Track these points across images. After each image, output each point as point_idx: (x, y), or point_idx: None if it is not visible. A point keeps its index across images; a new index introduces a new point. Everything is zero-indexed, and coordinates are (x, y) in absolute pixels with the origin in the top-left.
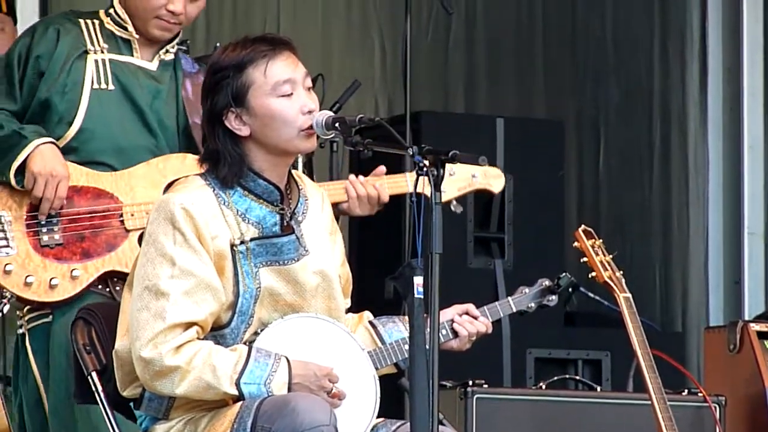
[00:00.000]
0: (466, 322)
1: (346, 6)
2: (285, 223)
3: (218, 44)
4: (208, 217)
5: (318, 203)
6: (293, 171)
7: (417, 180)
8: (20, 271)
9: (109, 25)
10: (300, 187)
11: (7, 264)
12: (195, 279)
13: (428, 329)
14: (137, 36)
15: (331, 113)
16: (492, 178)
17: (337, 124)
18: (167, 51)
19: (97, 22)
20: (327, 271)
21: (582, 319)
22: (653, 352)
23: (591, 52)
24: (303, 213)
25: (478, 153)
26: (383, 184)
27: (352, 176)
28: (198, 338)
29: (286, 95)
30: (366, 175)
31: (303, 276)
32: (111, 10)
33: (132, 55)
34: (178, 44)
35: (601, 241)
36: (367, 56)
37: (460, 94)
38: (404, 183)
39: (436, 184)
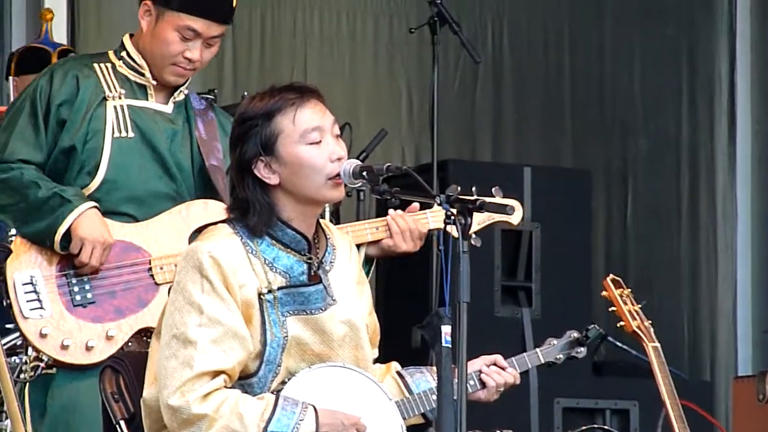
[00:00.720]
0: (493, 373)
1: (373, 55)
2: (312, 273)
3: (245, 94)
4: (236, 265)
5: (346, 252)
6: (321, 220)
7: (444, 228)
8: (56, 334)
9: (122, 69)
10: (328, 236)
11: (42, 327)
12: (223, 327)
13: (456, 379)
14: (153, 82)
15: (358, 162)
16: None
17: (364, 173)
18: (180, 92)
19: (109, 65)
20: (354, 320)
21: (610, 368)
22: (682, 401)
23: (619, 102)
24: (330, 262)
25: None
26: (420, 219)
27: (391, 211)
28: (225, 387)
29: (314, 143)
30: None
31: (330, 325)
32: (123, 54)
33: (147, 100)
34: (204, 95)
35: (629, 290)
36: (394, 105)
37: (487, 143)
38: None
39: (464, 233)
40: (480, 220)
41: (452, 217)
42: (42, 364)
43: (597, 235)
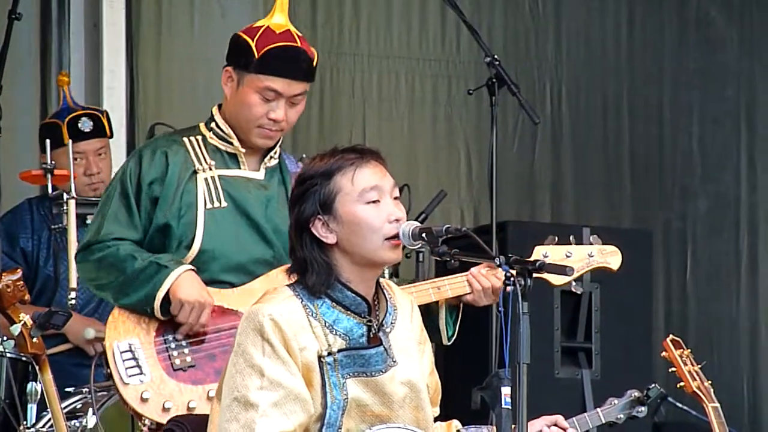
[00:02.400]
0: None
1: (431, 117)
2: (372, 335)
3: (304, 156)
4: (296, 328)
5: (407, 312)
6: (382, 280)
7: (504, 290)
8: (157, 398)
9: (213, 140)
10: (389, 297)
11: (143, 392)
12: (284, 390)
13: None
14: (243, 150)
15: (417, 224)
16: (609, 256)
17: (423, 235)
18: (271, 158)
19: (200, 138)
20: (415, 381)
21: (670, 429)
22: None
23: (678, 162)
24: (391, 323)
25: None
26: (499, 275)
27: (473, 269)
28: None
29: (372, 202)
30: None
31: (391, 387)
32: (213, 125)
33: (239, 168)
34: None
35: (689, 351)
36: (453, 166)
37: (547, 204)
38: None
39: (524, 294)
40: (579, 267)
41: (512, 279)
42: (145, 429)
43: (656, 295)
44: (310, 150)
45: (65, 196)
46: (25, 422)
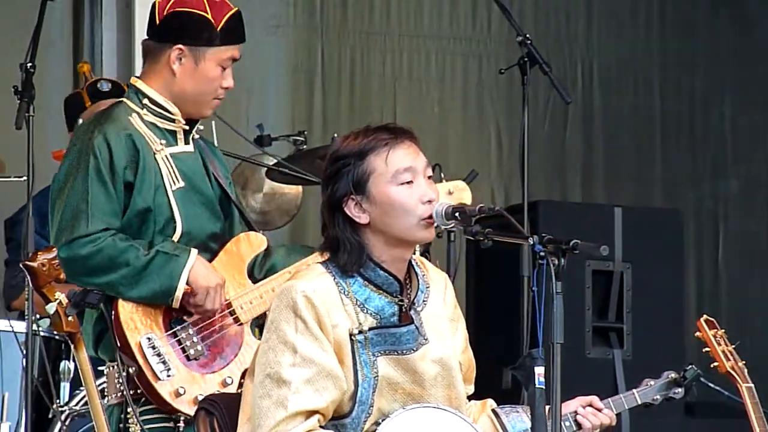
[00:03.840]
0: (589, 414)
1: (462, 97)
2: (403, 313)
3: (335, 135)
4: (329, 305)
5: (440, 289)
6: (414, 257)
7: (536, 269)
8: (189, 391)
9: (149, 117)
10: (422, 274)
11: (177, 387)
12: (316, 367)
13: (550, 420)
14: (186, 126)
15: (450, 203)
16: (460, 192)
17: (456, 214)
18: (197, 130)
19: (135, 115)
20: (447, 359)
21: (702, 409)
22: None
23: (709, 142)
24: (423, 301)
25: (596, 242)
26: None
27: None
28: (319, 426)
29: (406, 183)
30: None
31: (422, 365)
32: (145, 101)
33: (177, 144)
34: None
35: (723, 330)
36: (484, 146)
37: (578, 183)
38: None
39: (557, 274)
40: None
41: (545, 258)
42: (181, 425)
43: (688, 275)
44: (340, 130)
45: None
46: (58, 400)
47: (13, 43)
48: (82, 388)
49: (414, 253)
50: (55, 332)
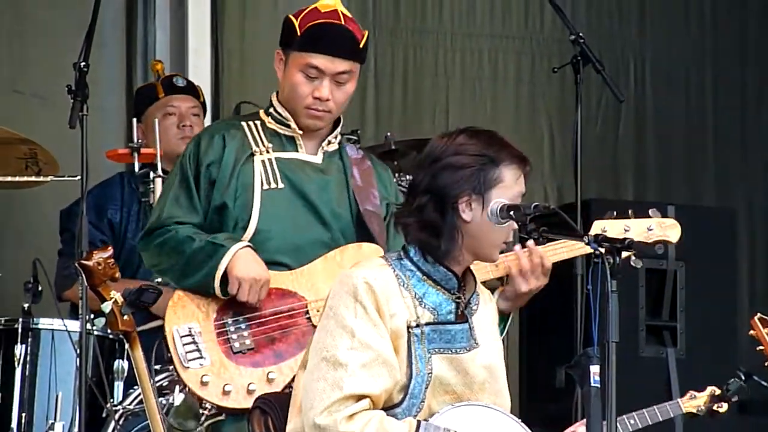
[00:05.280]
0: None
1: (514, 95)
2: (459, 312)
3: (389, 134)
4: (388, 294)
5: (487, 301)
6: (471, 266)
7: (591, 268)
8: (217, 381)
9: (271, 125)
10: (476, 280)
11: (203, 375)
12: (373, 353)
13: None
14: (301, 132)
15: (505, 201)
16: (668, 229)
17: (511, 213)
18: (329, 142)
19: (258, 122)
20: (494, 366)
21: (755, 407)
22: None
23: (762, 140)
24: (476, 305)
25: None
26: (548, 252)
27: (518, 250)
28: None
29: None
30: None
31: (472, 368)
32: (271, 109)
33: (297, 151)
34: (347, 135)
35: None
36: (536, 144)
37: (630, 182)
38: (563, 250)
39: (612, 272)
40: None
41: (600, 257)
42: (205, 412)
43: (741, 273)
44: (393, 128)
45: (152, 174)
46: (111, 400)
47: (67, 43)
48: (136, 386)
49: None
50: (109, 331)
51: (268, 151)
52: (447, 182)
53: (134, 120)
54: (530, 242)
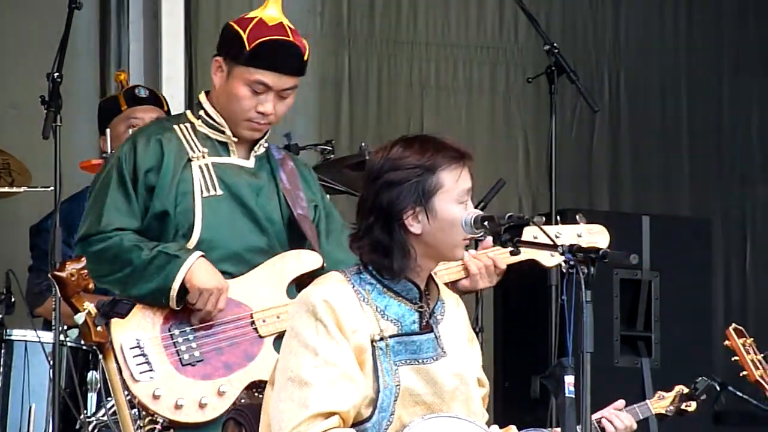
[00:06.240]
0: (613, 416)
1: (489, 105)
2: (424, 322)
3: (363, 144)
4: (348, 310)
5: (454, 308)
6: (432, 274)
7: (565, 278)
8: (169, 395)
9: (202, 128)
10: (440, 289)
11: (155, 389)
12: (338, 370)
13: (580, 429)
14: (235, 139)
15: (479, 212)
16: (596, 235)
17: (486, 223)
18: (260, 146)
19: (188, 125)
20: (465, 374)
21: (730, 418)
22: None
23: (737, 150)
24: (441, 314)
25: (624, 251)
26: (496, 255)
27: (466, 253)
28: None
29: (463, 203)
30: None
31: (441, 377)
32: (201, 112)
33: (230, 156)
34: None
35: (752, 339)
36: (511, 154)
37: (605, 192)
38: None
39: (587, 283)
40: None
41: (575, 267)
42: (158, 426)
43: (716, 283)
44: (367, 139)
45: None
46: (85, 411)
47: (40, 54)
48: (109, 398)
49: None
50: (82, 342)
51: (204, 156)
52: (389, 200)
53: (106, 131)
54: (477, 249)
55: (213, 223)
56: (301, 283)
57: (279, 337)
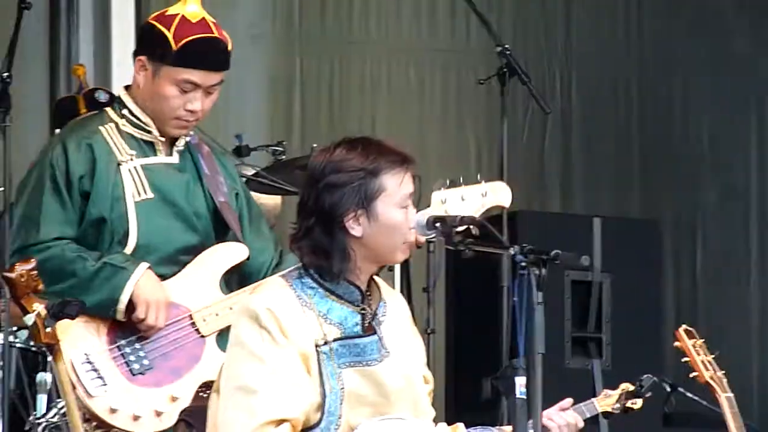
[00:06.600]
0: (554, 414)
1: (441, 106)
2: (366, 324)
3: (315, 145)
4: (291, 317)
5: (397, 307)
6: (374, 276)
7: (517, 279)
8: (126, 407)
9: (126, 128)
10: (381, 290)
11: (111, 403)
12: (285, 376)
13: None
14: (162, 139)
15: (432, 213)
16: (499, 192)
17: (438, 224)
18: (182, 140)
19: (113, 126)
20: (410, 374)
21: (681, 419)
22: None
23: (688, 153)
24: (383, 315)
25: (575, 252)
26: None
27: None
28: None
29: (405, 207)
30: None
31: (386, 378)
32: (125, 111)
33: (156, 155)
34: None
35: (702, 340)
36: (463, 156)
37: (557, 193)
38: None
39: (538, 284)
40: (476, 209)
41: (526, 268)
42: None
43: (666, 285)
44: (319, 140)
45: None
46: (34, 413)
47: None
48: (59, 399)
49: (391, 270)
50: (32, 344)
51: (132, 159)
52: (330, 202)
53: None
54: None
55: (147, 227)
56: (227, 275)
57: (221, 334)
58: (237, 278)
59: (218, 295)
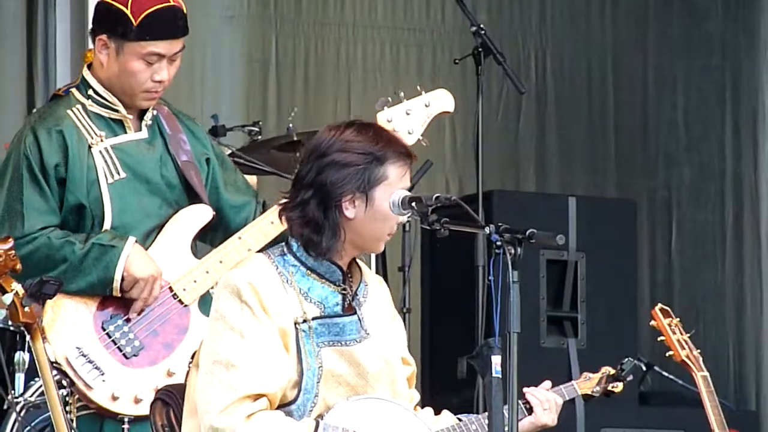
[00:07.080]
0: (536, 391)
1: (416, 86)
2: (347, 304)
3: (290, 126)
4: (272, 292)
5: (377, 289)
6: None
7: (492, 259)
8: (126, 393)
9: (94, 108)
10: (362, 272)
11: (112, 391)
12: (264, 352)
13: (507, 409)
14: (130, 116)
15: (407, 193)
16: (442, 100)
17: (413, 204)
18: (149, 113)
19: (80, 107)
20: (388, 356)
21: (656, 398)
22: (730, 431)
23: (663, 132)
24: (364, 296)
25: (551, 231)
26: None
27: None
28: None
29: None
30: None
31: (365, 358)
32: (90, 91)
33: (126, 132)
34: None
35: (678, 319)
36: (438, 136)
37: (531, 173)
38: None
39: (514, 263)
40: (423, 120)
41: (502, 248)
42: (126, 426)
43: (642, 264)
44: (295, 121)
45: None
46: (13, 392)
47: None
48: (37, 378)
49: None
50: (10, 323)
51: (102, 140)
52: (332, 179)
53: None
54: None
55: (122, 207)
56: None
57: (202, 300)
58: (221, 238)
59: (192, 261)
